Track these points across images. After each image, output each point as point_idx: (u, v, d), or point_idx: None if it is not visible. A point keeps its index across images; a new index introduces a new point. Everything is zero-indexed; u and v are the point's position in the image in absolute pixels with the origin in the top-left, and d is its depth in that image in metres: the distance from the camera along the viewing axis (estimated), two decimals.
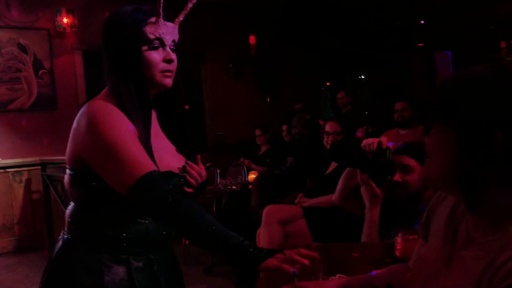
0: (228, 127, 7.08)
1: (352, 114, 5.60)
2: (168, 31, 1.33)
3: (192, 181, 1.40)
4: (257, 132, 5.89)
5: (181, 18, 1.37)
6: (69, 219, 1.36)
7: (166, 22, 1.33)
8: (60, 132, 5.20)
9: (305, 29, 7.44)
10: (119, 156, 1.20)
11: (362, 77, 9.99)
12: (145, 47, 1.30)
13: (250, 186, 4.48)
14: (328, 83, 8.89)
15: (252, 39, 7.32)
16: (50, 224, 5.32)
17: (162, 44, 1.32)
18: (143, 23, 1.31)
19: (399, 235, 1.61)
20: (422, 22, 8.40)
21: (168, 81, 1.35)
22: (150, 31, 1.30)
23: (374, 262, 1.61)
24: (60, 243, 1.37)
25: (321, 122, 4.28)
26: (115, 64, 1.33)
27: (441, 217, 1.05)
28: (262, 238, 3.18)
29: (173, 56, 1.34)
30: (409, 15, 7.87)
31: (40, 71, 5.69)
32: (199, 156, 1.46)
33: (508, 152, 0.84)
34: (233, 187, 4.68)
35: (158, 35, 1.31)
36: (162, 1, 1.30)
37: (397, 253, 1.61)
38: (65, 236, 1.36)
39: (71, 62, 5.93)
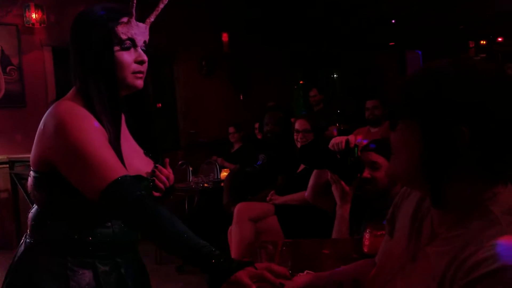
0: (201, 125, 7.03)
1: (324, 112, 5.65)
2: (140, 32, 1.31)
3: (161, 185, 1.39)
4: (231, 129, 5.85)
5: (152, 18, 1.35)
6: (32, 223, 1.32)
7: (138, 22, 1.30)
8: (29, 129, 5.04)
9: (277, 27, 7.44)
10: (89, 160, 1.17)
11: (335, 75, 10.06)
12: (117, 48, 1.27)
13: (222, 184, 4.47)
14: (301, 81, 8.93)
15: (225, 37, 7.27)
16: (19, 223, 5.21)
17: (134, 44, 1.30)
18: (115, 23, 1.27)
19: (367, 231, 1.64)
20: (393, 21, 8.51)
21: (140, 83, 1.32)
22: (123, 31, 1.27)
23: (343, 258, 1.63)
24: (22, 247, 1.33)
25: (293, 120, 4.30)
26: (85, 64, 1.28)
27: (406, 213, 1.06)
28: (234, 235, 3.18)
29: (145, 57, 1.32)
30: (380, 15, 7.97)
31: (8, 68, 5.55)
32: (167, 160, 1.45)
33: (473, 147, 0.85)
34: (205, 184, 4.66)
35: (130, 36, 1.28)
36: (135, 1, 1.27)
37: (365, 249, 1.63)
38: (28, 240, 1.32)
39: (40, 58, 5.80)
